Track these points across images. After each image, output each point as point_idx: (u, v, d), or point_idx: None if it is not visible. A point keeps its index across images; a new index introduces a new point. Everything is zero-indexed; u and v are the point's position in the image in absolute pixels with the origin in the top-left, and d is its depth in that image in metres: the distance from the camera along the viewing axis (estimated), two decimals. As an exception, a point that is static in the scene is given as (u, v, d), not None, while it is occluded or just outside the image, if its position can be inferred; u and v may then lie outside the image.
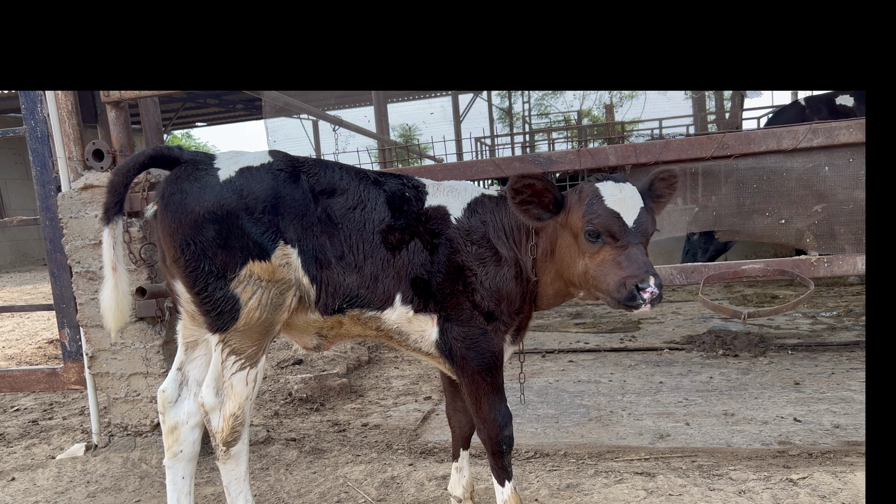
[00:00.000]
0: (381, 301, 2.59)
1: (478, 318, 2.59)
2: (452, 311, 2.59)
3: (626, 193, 2.42)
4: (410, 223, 2.61)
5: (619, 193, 2.41)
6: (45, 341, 7.79)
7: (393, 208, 2.61)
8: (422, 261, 2.58)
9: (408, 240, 2.58)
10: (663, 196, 2.58)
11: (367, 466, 3.61)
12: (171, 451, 2.74)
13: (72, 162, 3.94)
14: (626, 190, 2.44)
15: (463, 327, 2.59)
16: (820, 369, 4.93)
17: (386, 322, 2.64)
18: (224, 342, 2.51)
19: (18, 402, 5.47)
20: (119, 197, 2.50)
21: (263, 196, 2.46)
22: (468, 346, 2.59)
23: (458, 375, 2.67)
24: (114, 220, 2.48)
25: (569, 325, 7.21)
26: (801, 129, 3.05)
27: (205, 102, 21.04)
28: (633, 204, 2.40)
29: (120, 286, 2.49)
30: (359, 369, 5.92)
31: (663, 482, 3.16)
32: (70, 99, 3.89)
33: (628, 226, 2.36)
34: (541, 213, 2.49)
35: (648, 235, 2.42)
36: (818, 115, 8.09)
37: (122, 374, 3.96)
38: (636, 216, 2.38)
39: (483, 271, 2.60)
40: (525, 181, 2.46)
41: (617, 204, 2.39)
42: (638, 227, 2.37)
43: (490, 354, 2.61)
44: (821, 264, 3.12)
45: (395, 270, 2.57)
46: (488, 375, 2.61)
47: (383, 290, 2.57)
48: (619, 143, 3.80)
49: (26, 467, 3.97)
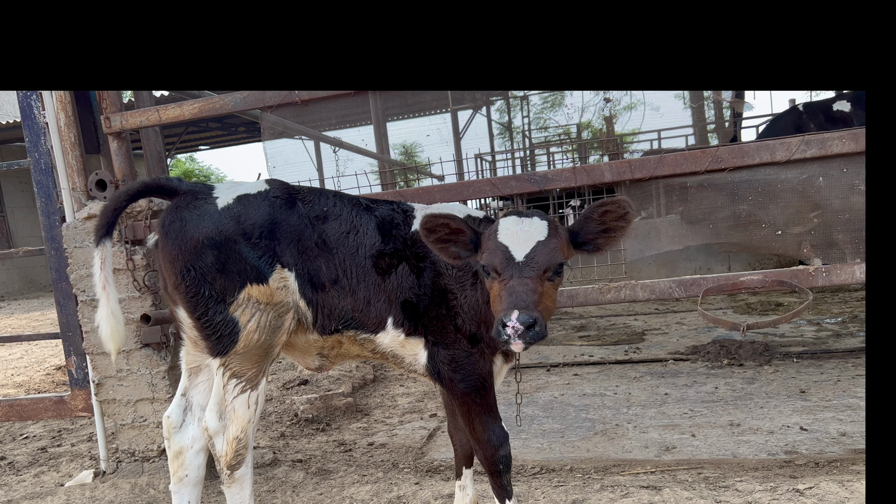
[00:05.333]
0: (374, 324, 2.63)
1: (461, 340, 2.60)
2: (438, 335, 2.62)
3: (522, 227, 2.33)
4: (398, 248, 2.64)
5: (513, 227, 2.34)
6: (54, 368, 7.83)
7: (383, 233, 2.65)
8: (410, 284, 2.61)
9: (396, 264, 2.62)
10: (614, 230, 2.39)
11: (374, 486, 3.61)
12: (177, 476, 2.77)
13: (75, 192, 3.99)
14: (526, 224, 2.35)
15: (448, 350, 2.61)
16: (826, 377, 4.92)
17: (380, 345, 2.68)
18: (225, 366, 2.55)
19: (27, 430, 5.49)
20: (108, 220, 2.57)
21: (260, 222, 2.51)
22: (454, 369, 2.60)
23: (450, 397, 2.69)
24: (102, 241, 2.54)
25: (573, 338, 7.21)
26: (793, 140, 3.07)
27: (207, 126, 21.15)
28: (527, 238, 2.30)
29: (110, 304, 2.55)
30: (364, 388, 5.93)
31: (669, 495, 3.16)
32: (73, 131, 3.94)
33: (515, 259, 2.26)
34: (459, 252, 2.45)
35: (544, 268, 2.27)
36: (815, 120, 8.12)
37: (128, 400, 3.99)
38: (528, 250, 2.27)
39: (462, 294, 2.61)
40: (438, 220, 2.42)
41: (508, 237, 2.31)
42: (528, 261, 2.25)
43: (477, 376, 2.61)
44: (819, 274, 3.13)
45: (385, 294, 2.60)
46: (477, 396, 2.61)
47: (376, 314, 2.62)
48: (615, 160, 3.83)
49: (35, 495, 3.99)
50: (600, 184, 3.29)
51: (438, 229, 2.44)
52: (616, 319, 8.04)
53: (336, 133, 16.67)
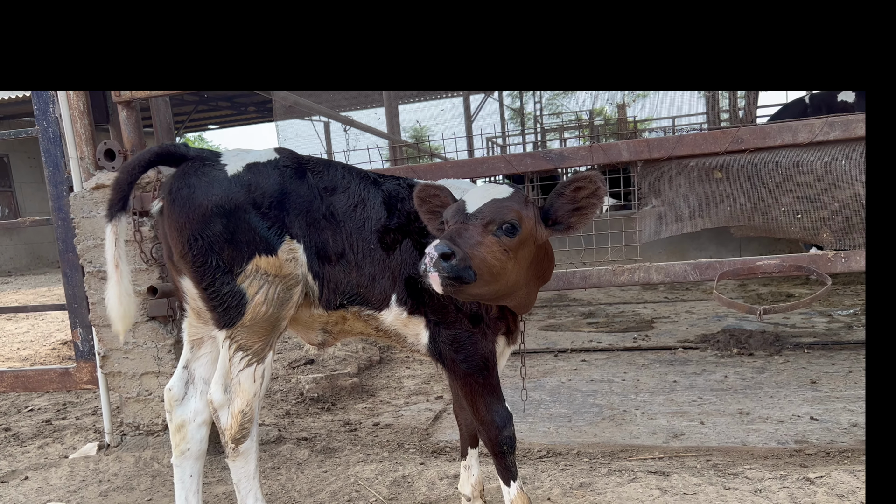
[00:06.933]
0: (378, 301, 2.59)
1: (462, 320, 2.55)
2: (439, 314, 2.57)
3: (486, 189, 2.34)
4: (403, 223, 2.60)
5: (479, 189, 2.36)
6: (59, 342, 7.85)
7: (389, 208, 2.61)
8: (413, 261, 2.56)
9: (401, 240, 2.58)
10: (586, 208, 2.30)
11: (379, 465, 3.59)
12: (179, 450, 2.74)
13: (83, 162, 3.95)
14: (490, 187, 2.36)
15: (450, 330, 2.56)
16: (837, 368, 4.86)
17: (383, 322, 2.64)
18: (231, 338, 2.51)
19: (32, 402, 5.49)
20: (123, 194, 2.48)
21: (270, 191, 2.46)
22: (456, 349, 2.55)
23: (452, 378, 2.64)
24: (117, 216, 2.46)
25: (581, 324, 7.16)
26: (817, 122, 3.00)
27: (217, 105, 21.13)
28: (484, 196, 2.28)
29: (123, 283, 2.48)
30: (370, 369, 5.91)
31: (678, 481, 3.12)
32: (82, 99, 3.90)
33: (466, 212, 2.24)
34: (444, 225, 2.40)
35: (488, 220, 2.20)
36: (819, 112, 8.15)
37: (133, 373, 3.97)
38: (481, 205, 2.25)
39: None
40: (430, 191, 2.43)
41: (469, 196, 2.32)
42: (476, 213, 2.22)
43: (479, 357, 2.57)
44: (838, 260, 3.07)
45: (390, 271, 2.56)
46: (480, 377, 2.57)
47: (380, 290, 2.57)
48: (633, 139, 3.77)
49: (40, 466, 3.99)
50: (616, 163, 3.22)
51: (430, 199, 2.45)
52: (625, 307, 7.99)
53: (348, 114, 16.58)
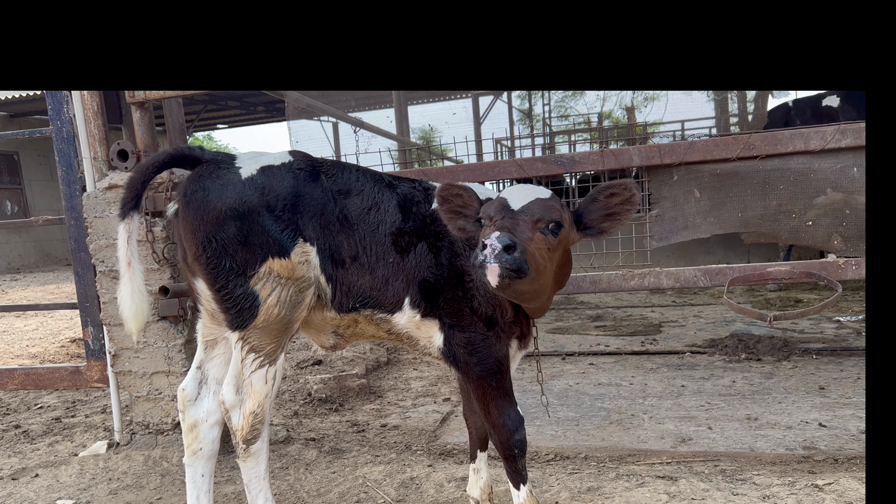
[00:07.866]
0: (391, 304, 2.60)
1: (477, 323, 2.55)
2: (454, 317, 2.57)
3: (525, 188, 2.35)
4: (418, 226, 2.60)
5: (517, 188, 2.36)
6: (68, 340, 7.88)
7: (403, 211, 2.61)
8: (428, 264, 2.57)
9: (415, 243, 2.58)
10: (619, 214, 2.33)
11: (387, 467, 3.60)
12: (191, 449, 2.76)
13: (97, 162, 3.98)
14: (530, 187, 2.37)
15: (464, 333, 2.56)
16: (845, 374, 4.85)
17: (396, 325, 2.64)
18: (243, 340, 2.52)
19: (42, 400, 5.53)
20: (136, 193, 2.50)
21: (284, 194, 2.47)
22: (470, 352, 2.56)
23: (465, 381, 2.64)
24: (129, 215, 2.48)
25: (589, 327, 7.16)
26: (828, 129, 3.00)
27: (226, 105, 21.18)
28: (527, 194, 2.29)
29: (135, 281, 2.49)
30: (378, 370, 5.92)
31: (685, 486, 3.12)
32: (96, 99, 3.93)
33: (511, 208, 2.25)
34: (465, 225, 2.44)
35: (538, 217, 2.22)
36: (802, 116, 8.16)
37: (144, 372, 3.99)
38: (526, 202, 2.25)
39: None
40: (453, 190, 2.43)
41: (509, 193, 2.32)
42: (523, 209, 2.23)
43: (493, 360, 2.57)
44: (849, 266, 3.07)
45: (404, 274, 2.57)
46: (493, 380, 2.57)
47: (393, 293, 2.58)
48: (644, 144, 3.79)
49: (49, 464, 4.02)
50: (627, 168, 3.23)
51: (452, 199, 2.45)
52: (633, 311, 7.98)
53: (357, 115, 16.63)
